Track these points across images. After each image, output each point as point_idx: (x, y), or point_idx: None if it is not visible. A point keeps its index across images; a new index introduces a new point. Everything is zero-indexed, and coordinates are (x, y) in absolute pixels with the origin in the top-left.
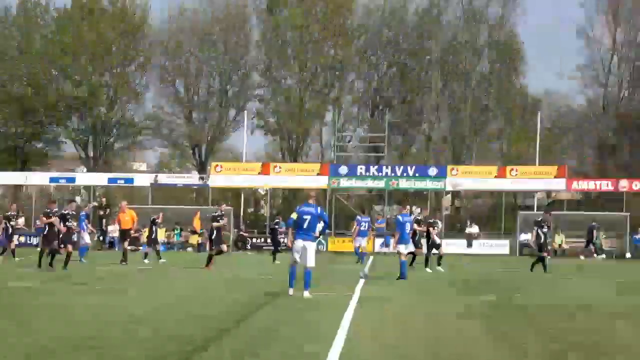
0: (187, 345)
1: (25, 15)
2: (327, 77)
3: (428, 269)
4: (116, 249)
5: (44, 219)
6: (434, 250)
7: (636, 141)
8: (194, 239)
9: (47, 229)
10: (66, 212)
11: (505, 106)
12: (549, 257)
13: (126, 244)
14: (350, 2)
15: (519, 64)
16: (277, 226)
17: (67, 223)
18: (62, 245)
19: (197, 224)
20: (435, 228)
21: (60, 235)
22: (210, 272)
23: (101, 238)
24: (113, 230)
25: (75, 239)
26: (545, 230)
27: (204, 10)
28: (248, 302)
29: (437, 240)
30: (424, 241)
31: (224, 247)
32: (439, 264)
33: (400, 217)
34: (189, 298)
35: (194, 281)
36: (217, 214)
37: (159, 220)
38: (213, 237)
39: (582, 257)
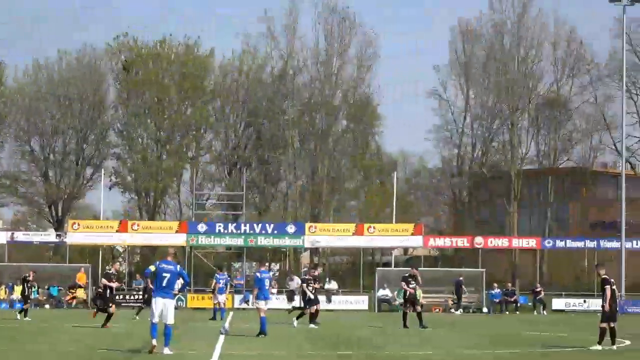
0: None
1: None
2: (184, 136)
3: (312, 325)
4: None
5: None
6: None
7: (490, 199)
8: (81, 294)
9: None
10: None
11: (361, 165)
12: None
13: None
14: (206, 63)
15: (374, 124)
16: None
17: None
18: None
19: (82, 279)
20: (310, 284)
21: None
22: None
23: None
24: None
25: None
26: (412, 285)
27: (59, 69)
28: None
29: (312, 297)
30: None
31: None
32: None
33: (258, 274)
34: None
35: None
36: (110, 271)
37: (30, 278)
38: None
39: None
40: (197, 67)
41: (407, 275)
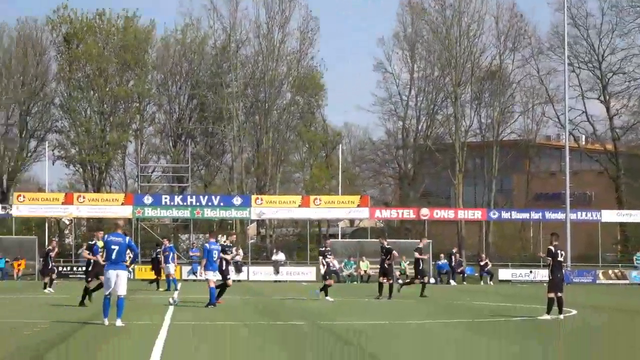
0: None
1: None
2: (128, 109)
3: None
4: None
5: None
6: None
7: (435, 172)
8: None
9: None
10: None
11: (306, 138)
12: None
13: None
14: (148, 35)
15: (319, 97)
16: (51, 252)
17: None
18: None
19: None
20: (328, 256)
21: None
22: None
23: None
24: None
25: None
26: (328, 259)
27: (1, 42)
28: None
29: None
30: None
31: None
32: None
33: (207, 245)
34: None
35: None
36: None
37: (52, 254)
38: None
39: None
40: (138, 39)
41: (322, 249)
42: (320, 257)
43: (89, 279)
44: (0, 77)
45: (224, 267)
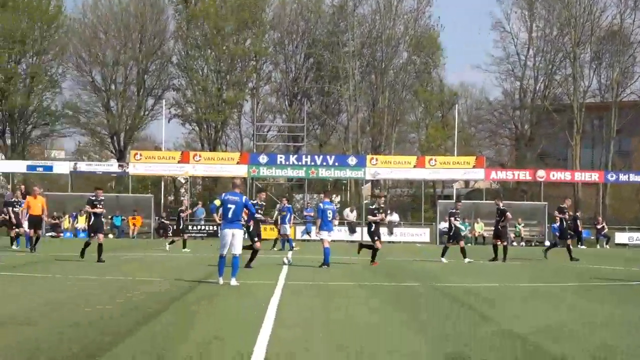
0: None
1: None
2: (244, 68)
3: (444, 259)
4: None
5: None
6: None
7: (552, 133)
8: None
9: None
10: None
11: (422, 98)
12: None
13: (32, 231)
14: None
15: (435, 57)
16: (182, 213)
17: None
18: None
19: None
20: (457, 219)
21: None
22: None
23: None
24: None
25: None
26: (458, 220)
27: (120, 0)
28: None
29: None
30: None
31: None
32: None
33: (321, 205)
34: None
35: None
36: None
37: (184, 214)
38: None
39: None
40: None
41: (453, 210)
42: (451, 219)
43: (91, 234)
44: (119, 36)
45: (251, 228)
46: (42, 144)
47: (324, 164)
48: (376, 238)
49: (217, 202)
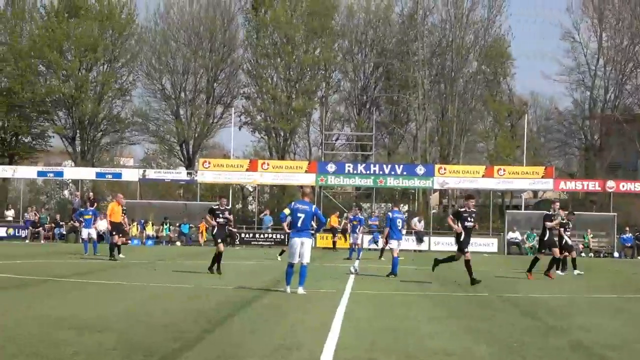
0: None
1: (13, 10)
2: (314, 76)
3: (577, 271)
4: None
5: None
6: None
7: (622, 143)
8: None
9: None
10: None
11: (492, 107)
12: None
13: (116, 238)
14: (334, 2)
15: (505, 66)
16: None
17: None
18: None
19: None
20: (568, 229)
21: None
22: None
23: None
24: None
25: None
26: (568, 232)
27: (190, 9)
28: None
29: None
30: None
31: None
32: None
33: (390, 214)
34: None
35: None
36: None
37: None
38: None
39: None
40: (325, 5)
41: (564, 221)
42: (561, 229)
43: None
44: (190, 44)
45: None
46: (111, 151)
47: (392, 173)
48: (466, 250)
49: (287, 211)
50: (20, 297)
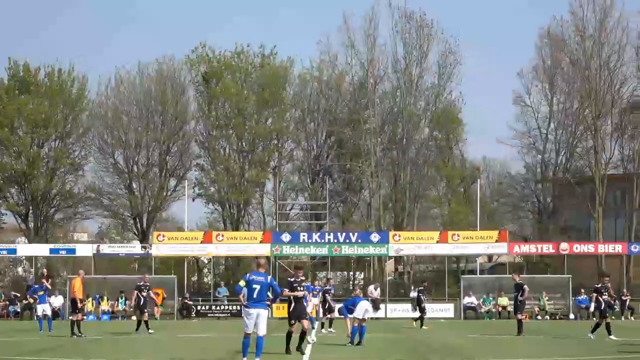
0: None
1: None
2: (266, 146)
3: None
4: (61, 319)
5: None
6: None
7: (574, 205)
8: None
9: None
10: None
11: (444, 173)
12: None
13: (80, 315)
14: (285, 73)
15: (457, 132)
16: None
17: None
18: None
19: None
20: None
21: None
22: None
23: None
24: (56, 301)
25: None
26: (605, 297)
27: (141, 82)
28: None
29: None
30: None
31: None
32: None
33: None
34: None
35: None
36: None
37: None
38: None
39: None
40: (275, 76)
41: (598, 285)
42: (595, 294)
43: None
44: (142, 118)
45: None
46: (65, 226)
47: (347, 241)
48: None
49: (242, 283)
50: None
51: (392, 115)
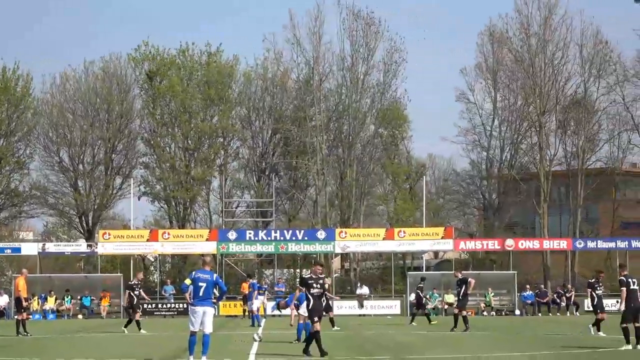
0: None
1: None
2: (212, 144)
3: (601, 333)
4: (7, 319)
5: None
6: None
7: (519, 201)
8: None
9: None
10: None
11: (390, 170)
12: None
13: (25, 314)
14: (231, 71)
15: (402, 129)
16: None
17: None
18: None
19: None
20: (598, 289)
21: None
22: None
23: None
24: (1, 300)
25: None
26: (599, 292)
27: (86, 80)
28: None
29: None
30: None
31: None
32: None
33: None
34: None
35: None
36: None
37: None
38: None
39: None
40: (221, 74)
41: (592, 281)
42: (589, 290)
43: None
44: (86, 116)
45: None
46: (10, 225)
47: (293, 238)
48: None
49: (188, 281)
50: None
51: (337, 112)
